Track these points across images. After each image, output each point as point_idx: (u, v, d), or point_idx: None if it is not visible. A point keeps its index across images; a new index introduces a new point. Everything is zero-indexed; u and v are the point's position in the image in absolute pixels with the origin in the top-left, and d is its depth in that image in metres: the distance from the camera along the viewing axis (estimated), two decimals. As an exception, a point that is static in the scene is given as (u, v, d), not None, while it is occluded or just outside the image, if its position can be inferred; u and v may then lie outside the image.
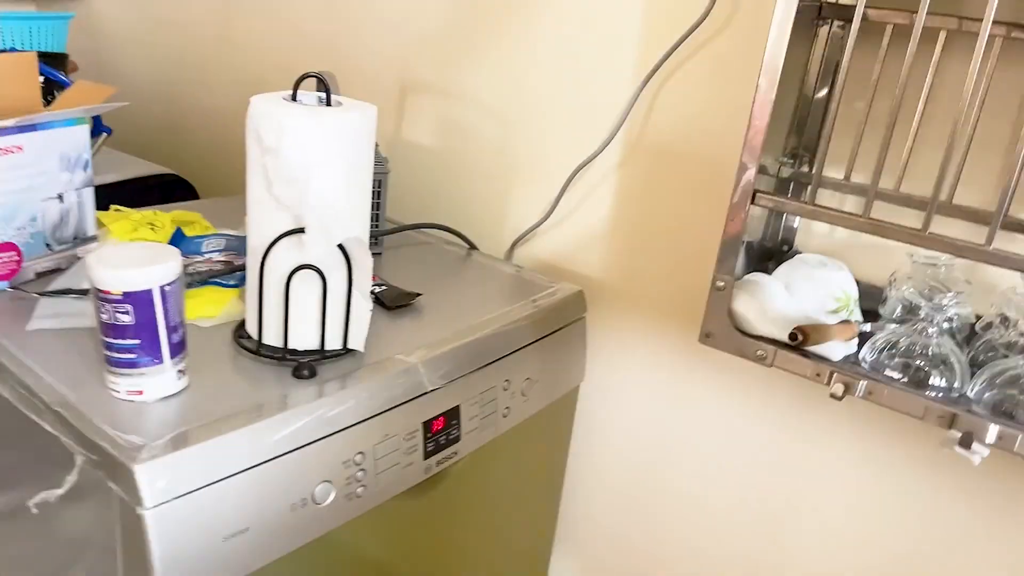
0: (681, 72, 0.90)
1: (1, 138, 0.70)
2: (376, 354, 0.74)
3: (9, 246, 0.75)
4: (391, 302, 0.84)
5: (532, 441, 0.96)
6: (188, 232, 0.93)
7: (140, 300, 0.58)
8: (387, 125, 1.19)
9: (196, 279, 0.82)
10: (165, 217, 0.95)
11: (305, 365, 0.69)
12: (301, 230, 0.65)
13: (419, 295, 0.88)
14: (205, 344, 0.72)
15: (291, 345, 0.70)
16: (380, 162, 0.98)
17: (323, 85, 0.67)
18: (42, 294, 0.76)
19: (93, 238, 0.86)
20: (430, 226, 1.07)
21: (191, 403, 0.63)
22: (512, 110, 1.05)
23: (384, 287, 0.87)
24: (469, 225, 1.13)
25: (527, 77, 1.03)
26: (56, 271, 0.82)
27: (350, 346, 0.72)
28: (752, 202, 0.72)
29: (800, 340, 0.69)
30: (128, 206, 0.97)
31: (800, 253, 0.85)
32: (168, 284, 0.60)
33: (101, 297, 0.59)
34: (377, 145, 1.02)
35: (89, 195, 0.84)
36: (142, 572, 0.57)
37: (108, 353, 0.60)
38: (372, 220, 1.00)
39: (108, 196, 1.06)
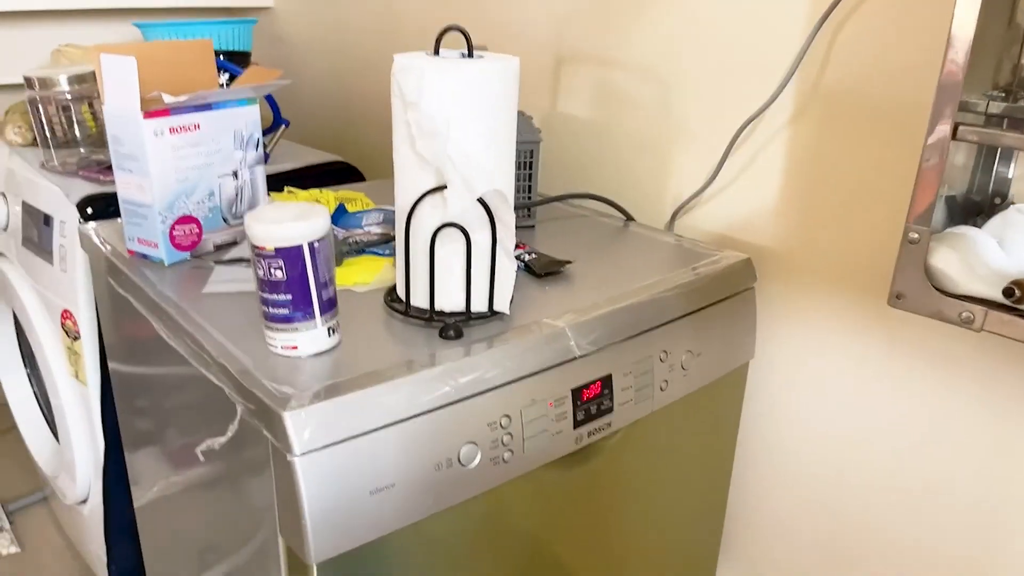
0: (865, 5, 0.80)
1: (180, 116, 0.76)
2: (523, 318, 0.72)
3: (191, 219, 0.81)
4: (541, 269, 0.82)
5: (695, 422, 0.89)
6: (350, 208, 0.97)
7: (291, 255, 0.60)
8: (542, 99, 1.17)
9: (353, 248, 0.84)
10: (330, 195, 0.99)
11: (451, 326, 0.68)
12: (444, 187, 0.64)
13: (570, 263, 0.84)
14: (358, 308, 0.74)
15: (438, 306, 0.70)
16: (532, 131, 0.96)
17: (466, 38, 0.65)
18: (217, 262, 0.81)
19: (265, 214, 0.91)
20: (583, 196, 1.03)
21: (341, 359, 0.64)
22: (669, 70, 0.99)
23: (534, 255, 0.85)
24: (627, 196, 1.08)
25: (685, 32, 0.96)
26: (232, 244, 0.87)
27: (496, 308, 0.70)
28: (953, 137, 0.61)
29: (1017, 296, 0.58)
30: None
31: (1016, 204, 0.72)
32: (316, 240, 0.61)
33: (257, 253, 0.61)
34: (531, 117, 1.00)
35: (260, 172, 0.89)
36: (295, 522, 0.58)
37: (265, 308, 0.63)
38: (524, 192, 0.98)
39: (284, 182, 1.14)
